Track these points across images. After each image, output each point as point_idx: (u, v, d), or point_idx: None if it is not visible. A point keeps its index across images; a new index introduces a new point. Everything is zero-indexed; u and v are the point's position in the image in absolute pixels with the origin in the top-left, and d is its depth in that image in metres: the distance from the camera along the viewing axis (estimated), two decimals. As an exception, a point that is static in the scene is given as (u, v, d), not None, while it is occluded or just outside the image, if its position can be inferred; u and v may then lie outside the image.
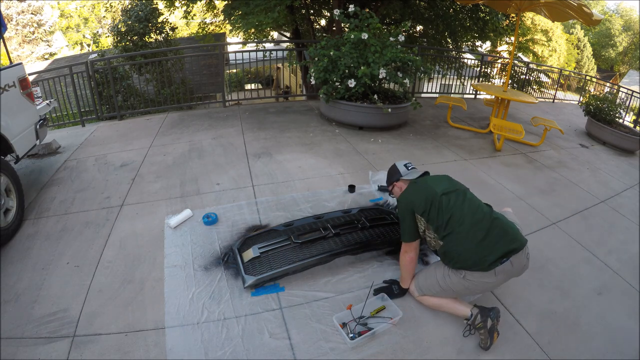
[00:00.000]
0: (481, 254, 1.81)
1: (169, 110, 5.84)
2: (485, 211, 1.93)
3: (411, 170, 2.21)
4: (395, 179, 2.21)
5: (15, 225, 2.61)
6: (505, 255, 1.81)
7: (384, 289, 2.14)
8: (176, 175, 3.38)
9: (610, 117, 5.81)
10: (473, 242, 1.82)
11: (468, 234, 1.83)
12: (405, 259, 2.04)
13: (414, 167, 2.24)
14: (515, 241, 1.85)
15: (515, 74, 9.26)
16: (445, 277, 1.93)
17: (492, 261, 1.79)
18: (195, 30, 11.89)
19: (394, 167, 2.27)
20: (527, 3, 4.86)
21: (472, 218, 1.87)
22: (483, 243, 1.81)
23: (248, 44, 8.50)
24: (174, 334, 1.86)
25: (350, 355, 1.80)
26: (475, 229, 1.84)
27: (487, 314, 1.84)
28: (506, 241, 1.84)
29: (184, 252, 2.39)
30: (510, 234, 1.87)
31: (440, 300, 1.99)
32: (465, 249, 1.83)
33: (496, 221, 1.89)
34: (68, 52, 20.71)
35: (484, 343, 1.86)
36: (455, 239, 1.85)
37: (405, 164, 2.24)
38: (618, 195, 3.88)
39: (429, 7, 7.95)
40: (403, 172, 2.20)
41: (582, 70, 27.44)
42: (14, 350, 1.79)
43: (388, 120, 4.74)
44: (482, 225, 1.85)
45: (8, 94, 2.78)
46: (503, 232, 1.86)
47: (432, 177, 2.14)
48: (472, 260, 1.82)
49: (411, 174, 2.18)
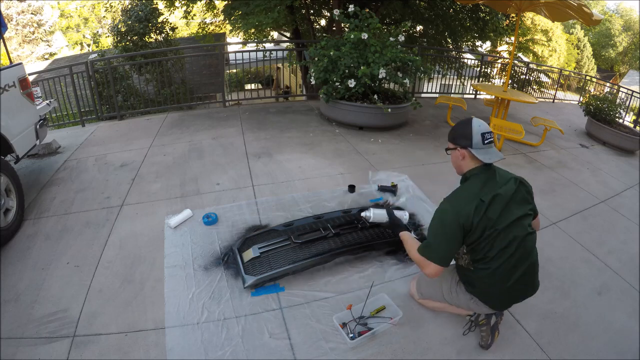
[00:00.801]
0: (503, 298, 1.70)
1: (169, 110, 5.83)
2: (528, 248, 1.63)
3: (487, 145, 1.63)
4: (462, 143, 1.66)
5: (15, 225, 2.61)
6: (517, 300, 1.74)
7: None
8: (176, 175, 3.38)
9: (610, 117, 5.81)
10: (504, 285, 1.62)
11: (502, 274, 1.60)
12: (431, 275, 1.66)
13: (491, 140, 1.65)
14: (534, 289, 1.73)
15: (515, 74, 9.27)
16: (452, 292, 1.83)
17: (507, 305, 1.75)
18: (195, 30, 11.89)
19: (468, 124, 1.67)
20: (527, 3, 4.86)
21: (515, 257, 1.59)
22: (510, 286, 1.62)
23: (248, 44, 8.50)
24: (174, 334, 1.86)
25: (350, 355, 1.80)
26: (512, 272, 1.60)
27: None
28: (528, 289, 1.72)
29: (184, 252, 2.39)
30: (536, 281, 1.73)
31: (443, 304, 1.96)
32: (491, 289, 1.66)
33: (531, 264, 1.65)
34: (68, 52, 20.70)
35: (484, 341, 1.85)
36: (488, 276, 1.62)
37: (484, 133, 1.63)
38: (618, 195, 3.88)
39: (429, 7, 7.95)
40: (475, 143, 1.63)
41: (582, 70, 27.43)
42: (14, 350, 1.79)
43: (388, 120, 4.74)
44: (520, 268, 1.60)
45: (8, 94, 2.78)
46: (530, 279, 1.68)
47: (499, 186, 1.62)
48: (490, 298, 1.71)
49: (485, 151, 1.63)
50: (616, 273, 2.60)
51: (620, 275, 2.59)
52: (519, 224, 1.60)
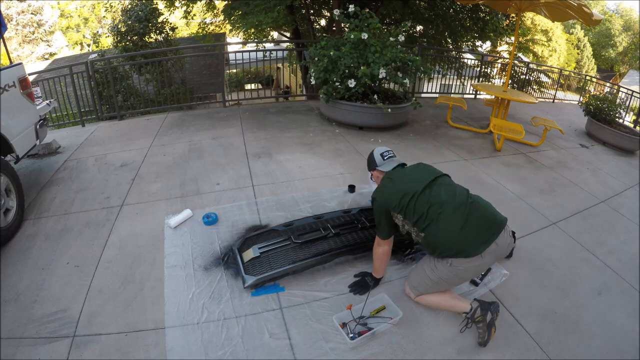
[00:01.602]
0: (464, 241, 1.78)
1: (169, 110, 5.83)
2: (463, 196, 1.90)
3: (387, 160, 2.15)
4: (371, 167, 2.20)
5: (15, 225, 2.61)
6: (489, 238, 1.79)
7: (357, 283, 2.18)
8: (176, 175, 3.38)
9: (610, 117, 5.81)
10: (454, 229, 1.79)
11: (448, 223, 1.80)
12: (379, 251, 2.06)
13: (391, 155, 2.17)
14: (495, 222, 1.85)
15: (515, 74, 9.26)
16: (433, 268, 1.91)
17: (476, 247, 1.78)
18: (195, 30, 11.88)
19: (371, 154, 2.23)
20: (527, 3, 4.86)
21: (451, 205, 1.83)
22: (464, 230, 1.79)
23: (248, 44, 8.50)
24: (174, 334, 1.86)
25: (350, 355, 1.80)
26: (454, 216, 1.81)
27: (487, 307, 1.85)
28: (486, 224, 1.82)
29: (184, 252, 2.39)
30: (490, 216, 1.87)
31: (438, 298, 1.97)
32: (447, 238, 1.80)
33: (474, 204, 1.87)
34: (68, 52, 20.70)
35: (481, 337, 1.87)
36: (436, 229, 1.82)
37: (382, 153, 2.17)
38: (618, 195, 3.88)
39: (429, 7, 7.95)
40: (379, 162, 2.15)
41: (582, 70, 27.43)
42: (14, 350, 1.79)
43: (388, 120, 4.74)
44: (461, 211, 1.82)
45: (8, 94, 2.78)
46: (482, 216, 1.85)
47: (407, 169, 2.09)
48: (455, 248, 1.80)
49: (386, 164, 2.13)
50: (616, 273, 2.60)
51: (620, 275, 2.59)
52: (430, 186, 1.91)
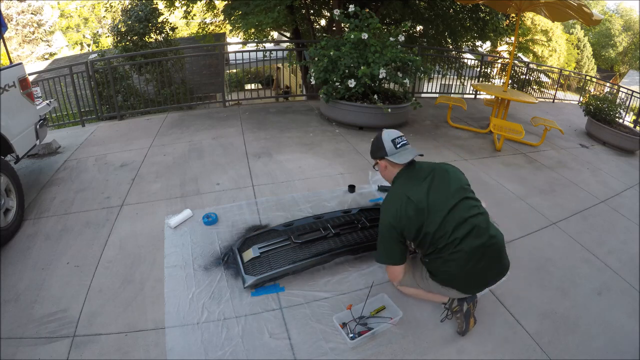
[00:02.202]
0: (469, 282, 1.75)
1: (169, 110, 5.83)
2: (482, 229, 1.69)
3: (401, 148, 1.79)
4: (379, 155, 1.84)
5: (15, 226, 2.61)
6: (490, 283, 1.79)
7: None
8: (176, 175, 3.38)
9: (610, 117, 5.81)
10: (461, 268, 1.68)
11: (457, 264, 1.68)
12: (396, 278, 1.95)
13: (404, 142, 1.81)
14: (503, 268, 1.79)
15: (515, 74, 9.27)
16: (425, 279, 1.90)
17: (476, 288, 1.77)
18: (195, 30, 11.88)
19: (379, 138, 1.85)
20: (527, 3, 4.86)
21: (466, 246, 1.64)
22: (474, 270, 1.68)
23: (248, 44, 8.50)
24: (174, 334, 1.86)
25: (350, 355, 1.80)
26: (468, 256, 1.65)
27: (464, 298, 1.87)
28: (496, 270, 1.76)
29: (184, 252, 2.39)
30: (501, 262, 1.77)
31: (418, 290, 2.01)
32: (450, 276, 1.73)
33: (488, 246, 1.68)
34: (68, 52, 20.70)
35: (460, 327, 1.89)
36: (443, 265, 1.71)
37: (394, 139, 1.80)
38: (618, 195, 3.88)
39: (429, 7, 7.95)
40: (389, 150, 1.79)
41: (582, 70, 27.43)
42: (14, 350, 1.79)
43: (388, 120, 4.74)
44: (475, 258, 1.66)
45: (8, 94, 2.78)
46: (494, 260, 1.72)
47: (425, 176, 1.75)
48: (457, 284, 1.77)
49: (400, 154, 1.77)
50: (616, 273, 2.60)
51: (620, 275, 2.59)
52: (458, 210, 1.66)
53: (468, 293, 1.81)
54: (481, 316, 2.01)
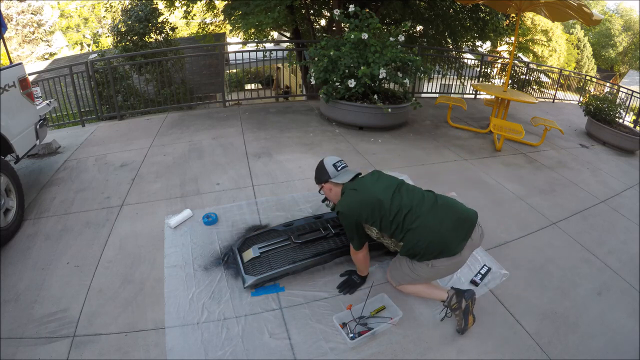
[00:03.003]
0: (444, 243, 1.81)
1: (169, 110, 5.83)
2: (431, 197, 1.92)
3: (342, 170, 2.04)
4: (323, 179, 2.07)
5: (15, 226, 2.61)
6: (467, 234, 1.83)
7: (345, 282, 2.17)
8: (176, 175, 3.38)
9: (610, 117, 5.81)
10: (432, 234, 1.81)
11: (425, 228, 1.81)
12: (359, 257, 2.05)
13: (344, 165, 2.07)
14: (469, 217, 1.88)
15: (515, 74, 9.26)
16: (412, 269, 1.94)
17: (455, 245, 1.81)
18: (195, 30, 11.88)
19: (321, 165, 2.09)
20: (527, 3, 4.86)
21: (423, 209, 1.84)
22: (441, 231, 1.80)
23: (248, 44, 8.50)
24: (174, 334, 1.86)
25: (350, 355, 1.80)
26: (430, 218, 1.82)
27: (462, 294, 1.89)
28: (461, 221, 1.85)
29: (184, 252, 2.39)
30: (462, 212, 1.89)
31: (418, 287, 2.03)
32: (427, 243, 1.81)
33: (444, 203, 1.89)
34: (68, 52, 20.69)
35: (459, 325, 1.91)
36: (415, 236, 1.83)
37: (334, 163, 2.05)
38: (618, 195, 3.88)
39: (429, 7, 7.95)
40: (332, 173, 2.03)
41: (582, 70, 27.42)
42: (14, 350, 1.79)
43: (388, 120, 4.74)
44: (435, 212, 1.83)
45: (8, 94, 2.78)
46: (455, 213, 1.87)
47: (366, 178, 2.01)
48: (437, 250, 1.82)
49: (341, 175, 2.02)
50: (616, 273, 2.60)
51: (620, 275, 2.59)
52: (397, 192, 1.89)
53: (454, 250, 1.81)
54: (481, 316, 2.01)
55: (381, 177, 2.02)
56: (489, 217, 2.98)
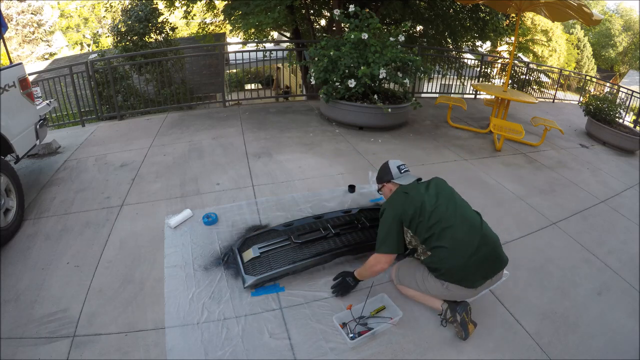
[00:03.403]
0: (469, 272, 1.80)
1: (169, 110, 5.83)
2: (476, 223, 1.87)
3: (404, 173, 2.10)
4: (386, 179, 2.13)
5: (15, 226, 2.61)
6: (489, 275, 1.83)
7: (339, 284, 2.09)
8: (176, 175, 3.38)
9: (610, 117, 5.81)
10: (463, 258, 1.78)
11: (459, 250, 1.78)
12: (376, 268, 1.93)
13: (407, 169, 2.13)
14: (501, 261, 1.87)
15: (515, 74, 9.26)
16: (425, 280, 1.94)
17: (475, 280, 1.81)
18: (195, 30, 11.88)
19: (386, 165, 2.17)
20: (527, 3, 4.86)
21: (463, 231, 1.80)
22: (472, 260, 1.78)
23: (248, 44, 8.50)
24: (174, 334, 1.86)
25: (350, 355, 1.80)
26: (466, 244, 1.79)
27: (455, 309, 1.88)
28: (493, 260, 1.84)
29: (184, 252, 2.39)
30: (498, 252, 1.87)
31: (415, 293, 2.03)
32: (454, 265, 1.79)
33: (485, 237, 1.84)
34: (68, 52, 20.69)
35: (459, 334, 1.90)
36: (444, 253, 1.81)
37: (399, 166, 2.13)
38: (618, 195, 3.88)
39: (429, 7, 7.95)
40: (395, 175, 2.09)
41: (582, 70, 27.42)
42: (14, 350, 1.79)
43: (388, 120, 4.74)
44: (473, 240, 1.80)
45: (8, 94, 2.78)
46: (492, 250, 1.84)
47: (422, 185, 2.02)
48: (458, 277, 1.81)
49: (404, 177, 2.07)
50: (616, 273, 2.60)
51: (620, 275, 2.59)
52: (444, 203, 1.87)
53: (472, 285, 1.80)
54: (481, 316, 2.01)
55: (437, 186, 1.99)
56: (489, 217, 2.94)
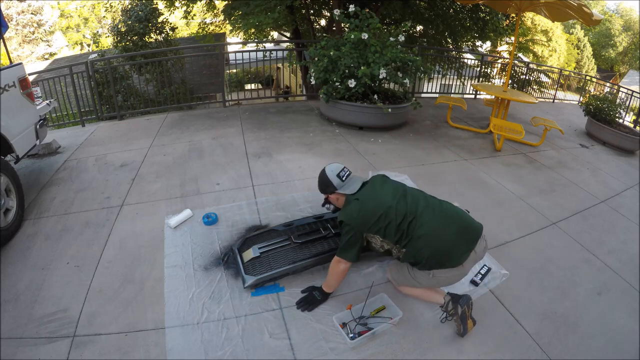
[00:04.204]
0: (447, 253, 1.80)
1: (169, 110, 5.83)
2: (434, 205, 1.88)
3: (347, 180, 1.96)
4: (329, 191, 2.00)
5: (15, 226, 2.61)
6: (470, 246, 1.81)
7: (305, 299, 2.05)
8: (176, 175, 3.38)
9: (610, 117, 5.81)
10: (436, 242, 1.79)
11: (429, 237, 1.79)
12: (339, 269, 1.93)
13: (348, 174, 1.98)
14: (474, 229, 1.85)
15: (515, 74, 9.26)
16: (413, 276, 1.94)
17: (458, 256, 1.79)
18: (195, 30, 11.88)
19: (323, 175, 1.99)
20: (527, 3, 4.86)
21: (426, 218, 1.81)
22: (445, 240, 1.79)
23: (248, 44, 8.50)
24: (174, 334, 1.86)
25: (350, 355, 1.80)
26: (433, 228, 1.79)
27: (457, 300, 1.88)
28: (466, 230, 1.83)
29: (184, 252, 2.39)
30: (467, 223, 1.86)
31: (415, 291, 2.03)
32: (430, 253, 1.80)
33: (449, 213, 1.86)
34: (68, 52, 20.70)
35: (458, 329, 1.91)
36: (418, 244, 1.80)
37: (338, 173, 1.96)
38: (618, 195, 3.88)
39: (429, 7, 7.95)
40: (337, 185, 1.95)
41: (582, 70, 27.42)
42: (13, 350, 1.79)
43: (388, 120, 4.74)
44: (438, 222, 1.81)
45: (8, 94, 2.78)
46: (460, 221, 1.84)
47: (370, 186, 1.95)
48: (440, 260, 1.81)
49: (347, 186, 1.95)
50: (616, 273, 2.60)
51: (620, 275, 2.59)
52: (402, 199, 1.86)
53: (457, 262, 1.79)
54: (481, 316, 2.01)
55: (386, 184, 1.98)
56: (489, 217, 2.98)
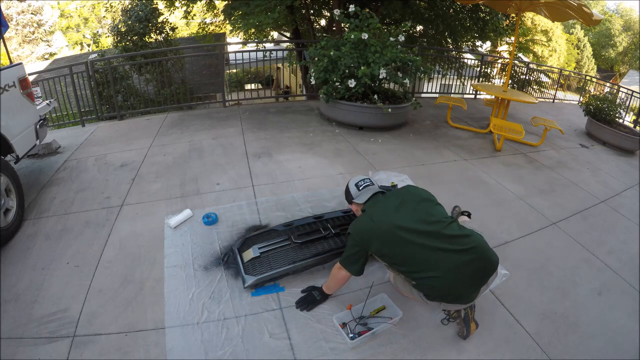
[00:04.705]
0: (460, 296, 1.69)
1: (169, 110, 5.83)
2: (458, 235, 1.70)
3: (363, 190, 1.95)
4: (348, 200, 2.06)
5: (15, 226, 2.61)
6: (482, 281, 1.72)
7: (305, 298, 2.05)
8: (176, 175, 3.38)
9: (610, 117, 5.80)
10: (449, 286, 1.65)
11: (442, 279, 1.64)
12: (341, 275, 1.89)
13: (366, 184, 1.97)
14: (490, 267, 1.72)
15: (515, 74, 9.26)
16: (422, 298, 1.80)
17: (470, 293, 1.69)
18: (195, 30, 11.89)
19: (347, 184, 2.07)
20: (527, 3, 4.86)
21: (444, 266, 1.63)
22: (461, 277, 1.65)
23: (248, 44, 8.50)
24: (174, 334, 1.86)
25: (351, 355, 1.80)
26: (449, 278, 1.64)
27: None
28: (483, 273, 1.71)
29: (184, 252, 2.39)
30: (484, 262, 1.70)
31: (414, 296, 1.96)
32: (442, 294, 1.68)
33: (474, 248, 1.68)
34: (68, 52, 20.70)
35: (461, 332, 1.90)
36: (429, 283, 1.67)
37: (356, 183, 1.99)
38: (618, 195, 3.88)
39: (429, 7, 7.95)
40: (354, 194, 1.97)
41: (582, 70, 27.42)
42: (13, 350, 1.79)
43: (388, 120, 4.74)
44: (457, 272, 1.64)
45: (8, 94, 2.78)
46: (478, 264, 1.68)
47: (388, 202, 1.82)
48: (452, 298, 1.70)
49: (361, 195, 1.93)
50: (616, 273, 2.60)
51: (620, 275, 2.59)
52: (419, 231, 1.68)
53: (467, 299, 1.71)
54: (481, 316, 2.01)
55: (404, 201, 1.80)
56: (489, 217, 2.98)
